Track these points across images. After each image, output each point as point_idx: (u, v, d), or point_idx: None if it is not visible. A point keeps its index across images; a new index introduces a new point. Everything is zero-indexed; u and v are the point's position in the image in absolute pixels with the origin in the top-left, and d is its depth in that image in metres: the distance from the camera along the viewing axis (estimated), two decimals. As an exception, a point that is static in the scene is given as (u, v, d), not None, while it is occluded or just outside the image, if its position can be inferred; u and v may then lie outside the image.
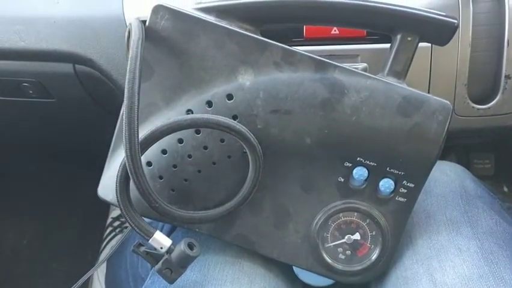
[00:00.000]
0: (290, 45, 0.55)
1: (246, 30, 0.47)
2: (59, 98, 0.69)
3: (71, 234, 1.15)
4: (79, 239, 1.14)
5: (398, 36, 0.47)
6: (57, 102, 0.69)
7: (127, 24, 0.59)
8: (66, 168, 1.14)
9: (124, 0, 0.60)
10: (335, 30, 0.57)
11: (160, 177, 0.48)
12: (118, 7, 0.60)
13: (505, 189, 1.01)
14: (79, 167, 1.11)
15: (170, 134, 0.44)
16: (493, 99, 0.58)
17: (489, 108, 0.58)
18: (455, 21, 0.46)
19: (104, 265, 0.95)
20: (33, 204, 1.18)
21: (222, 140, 0.47)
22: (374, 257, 0.49)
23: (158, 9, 0.47)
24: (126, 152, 0.41)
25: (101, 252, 1.07)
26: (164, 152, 0.47)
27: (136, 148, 0.41)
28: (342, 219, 0.49)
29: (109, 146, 0.50)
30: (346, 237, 0.49)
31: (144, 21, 0.47)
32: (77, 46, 0.61)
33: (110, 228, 1.05)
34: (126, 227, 1.04)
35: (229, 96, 0.46)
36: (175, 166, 0.47)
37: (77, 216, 1.16)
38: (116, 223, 1.05)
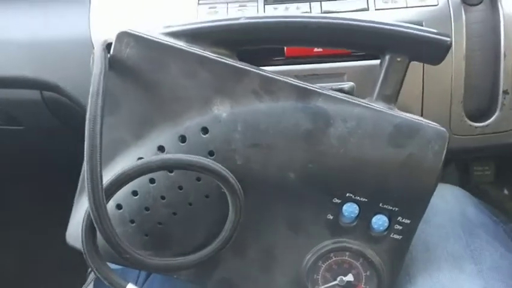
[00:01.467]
0: (271, 65, 0.51)
1: (221, 54, 0.43)
2: (27, 125, 0.64)
3: (57, 256, 1.10)
4: (65, 261, 1.09)
5: (387, 57, 0.43)
6: (26, 130, 0.65)
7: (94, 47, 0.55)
8: (46, 189, 1.10)
9: (91, 22, 0.55)
10: (318, 48, 0.52)
11: (132, 221, 0.43)
12: (84, 29, 0.55)
13: (506, 192, 0.99)
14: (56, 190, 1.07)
15: (138, 177, 0.40)
16: (491, 116, 0.54)
17: (487, 125, 0.54)
18: (448, 39, 0.41)
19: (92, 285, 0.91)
20: (15, 228, 1.13)
21: (198, 179, 0.42)
22: (369, 298, 0.45)
23: (122, 37, 0.42)
24: (89, 201, 0.37)
25: (89, 274, 1.03)
26: (135, 193, 0.43)
27: (100, 196, 0.37)
28: (333, 259, 0.45)
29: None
30: (338, 278, 0.45)
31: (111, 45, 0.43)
32: (43, 72, 0.56)
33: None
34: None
35: (204, 130, 0.42)
36: (147, 209, 0.43)
37: (62, 238, 1.11)
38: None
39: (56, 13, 0.57)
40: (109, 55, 0.42)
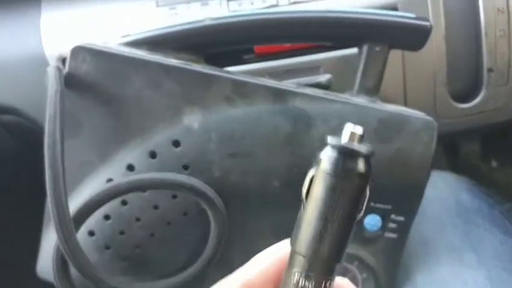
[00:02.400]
0: (241, 64, 0.48)
1: (187, 60, 0.40)
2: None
3: None
4: None
5: (365, 48, 0.40)
6: None
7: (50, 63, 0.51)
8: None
9: (43, 36, 0.51)
10: (290, 42, 0.49)
11: (107, 247, 0.40)
12: (37, 44, 0.51)
13: (493, 163, 0.97)
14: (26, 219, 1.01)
15: (108, 202, 0.37)
16: (477, 96, 0.51)
17: (474, 106, 0.51)
18: (428, 23, 0.39)
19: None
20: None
21: (174, 196, 0.39)
22: (368, 302, 0.43)
23: (77, 52, 0.39)
24: (58, 233, 0.34)
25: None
26: (107, 217, 0.40)
27: (69, 227, 0.34)
28: (327, 265, 0.42)
29: None
30: (333, 285, 0.43)
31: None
32: None
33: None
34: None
35: (176, 143, 0.39)
36: (122, 232, 0.40)
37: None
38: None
39: (5, 31, 0.53)
40: (65, 71, 0.39)
